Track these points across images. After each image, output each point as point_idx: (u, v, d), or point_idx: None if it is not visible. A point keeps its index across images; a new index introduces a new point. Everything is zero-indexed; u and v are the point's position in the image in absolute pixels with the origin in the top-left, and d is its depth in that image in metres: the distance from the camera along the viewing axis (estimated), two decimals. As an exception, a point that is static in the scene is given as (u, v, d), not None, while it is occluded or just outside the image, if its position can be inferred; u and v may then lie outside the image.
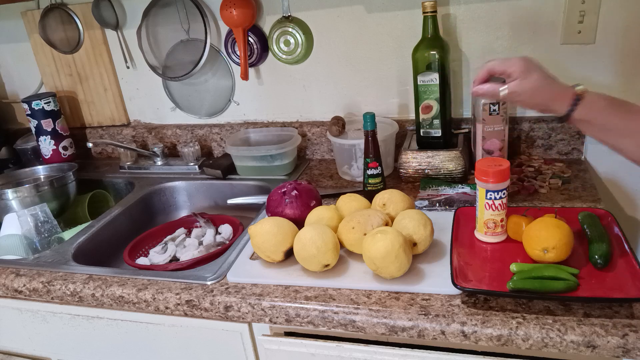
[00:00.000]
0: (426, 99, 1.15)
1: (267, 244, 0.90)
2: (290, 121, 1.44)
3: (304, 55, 1.33)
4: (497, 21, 1.18)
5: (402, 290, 0.83)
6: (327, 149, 1.42)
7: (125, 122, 1.60)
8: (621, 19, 1.10)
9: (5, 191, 1.26)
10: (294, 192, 1.01)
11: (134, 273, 0.99)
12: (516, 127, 1.23)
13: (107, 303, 0.96)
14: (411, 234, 0.86)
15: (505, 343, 0.73)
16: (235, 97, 1.46)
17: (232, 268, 0.95)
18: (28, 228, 1.22)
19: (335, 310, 0.81)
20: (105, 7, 1.43)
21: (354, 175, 1.26)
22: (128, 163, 1.51)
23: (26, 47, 1.59)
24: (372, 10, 1.25)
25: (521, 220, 0.89)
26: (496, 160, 0.88)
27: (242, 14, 1.29)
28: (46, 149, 1.52)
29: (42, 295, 1.01)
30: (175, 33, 1.40)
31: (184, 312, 0.91)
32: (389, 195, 0.97)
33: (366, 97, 1.35)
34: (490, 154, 1.15)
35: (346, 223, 0.91)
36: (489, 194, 0.87)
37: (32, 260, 1.09)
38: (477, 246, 0.91)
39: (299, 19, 1.31)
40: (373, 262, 0.82)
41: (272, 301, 0.85)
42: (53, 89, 1.61)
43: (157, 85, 1.52)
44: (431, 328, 0.76)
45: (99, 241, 1.20)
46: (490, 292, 0.78)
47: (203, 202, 1.41)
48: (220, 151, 1.53)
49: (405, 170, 1.19)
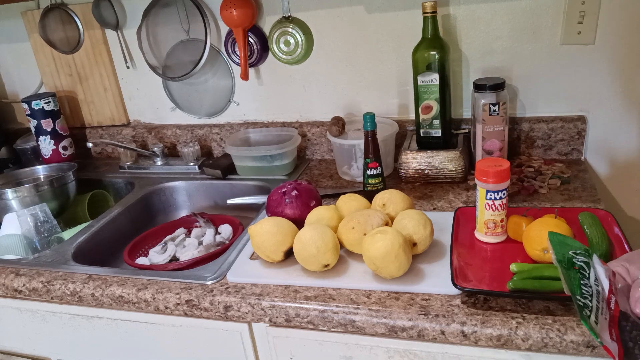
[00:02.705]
0: (426, 99, 1.15)
1: (267, 244, 0.90)
2: (290, 121, 1.44)
3: (303, 56, 1.33)
4: (497, 21, 1.18)
5: (402, 290, 0.83)
6: (327, 149, 1.42)
7: (125, 122, 1.60)
8: (621, 19, 1.10)
9: (5, 191, 1.26)
10: (294, 192, 1.01)
11: (134, 273, 0.99)
12: (516, 127, 1.24)
13: (107, 303, 0.96)
14: (411, 234, 0.86)
15: (505, 343, 0.73)
16: (235, 97, 1.46)
17: (232, 268, 0.95)
18: (28, 228, 1.22)
19: (335, 310, 0.81)
20: (105, 7, 1.43)
21: (354, 175, 1.26)
22: (128, 163, 1.51)
23: (26, 47, 1.59)
24: (372, 10, 1.25)
25: (521, 220, 0.89)
26: (496, 160, 0.88)
27: (242, 14, 1.29)
28: (46, 149, 1.52)
29: (41, 295, 1.01)
30: (175, 33, 1.40)
31: (183, 312, 0.91)
32: (389, 195, 0.97)
33: (366, 97, 1.35)
34: (490, 154, 1.15)
35: (346, 223, 0.91)
36: (489, 194, 0.87)
37: (32, 260, 1.09)
38: (477, 246, 0.91)
39: (299, 19, 1.31)
40: (373, 262, 0.82)
41: (271, 301, 0.85)
42: (53, 89, 1.61)
43: (157, 85, 1.52)
44: (431, 328, 0.76)
45: (98, 241, 1.20)
46: (490, 292, 0.78)
47: (203, 202, 1.41)
48: (220, 151, 1.53)
49: (405, 170, 1.19)
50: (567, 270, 0.70)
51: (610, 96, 1.17)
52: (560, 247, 0.74)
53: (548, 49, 1.17)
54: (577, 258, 0.72)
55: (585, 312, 0.64)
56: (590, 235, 0.85)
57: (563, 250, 0.73)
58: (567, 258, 0.72)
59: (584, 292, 0.67)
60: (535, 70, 1.19)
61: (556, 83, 1.19)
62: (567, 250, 0.73)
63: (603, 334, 0.63)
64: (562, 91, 1.20)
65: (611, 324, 0.64)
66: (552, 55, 1.17)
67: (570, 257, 0.72)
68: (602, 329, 0.63)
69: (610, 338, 0.63)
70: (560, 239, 0.75)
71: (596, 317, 0.64)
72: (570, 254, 0.72)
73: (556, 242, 0.75)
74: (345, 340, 0.85)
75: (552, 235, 0.76)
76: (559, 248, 0.74)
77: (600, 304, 0.65)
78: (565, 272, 0.70)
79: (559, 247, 0.74)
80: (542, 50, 1.17)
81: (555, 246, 0.74)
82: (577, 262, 0.71)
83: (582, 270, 0.70)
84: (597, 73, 1.16)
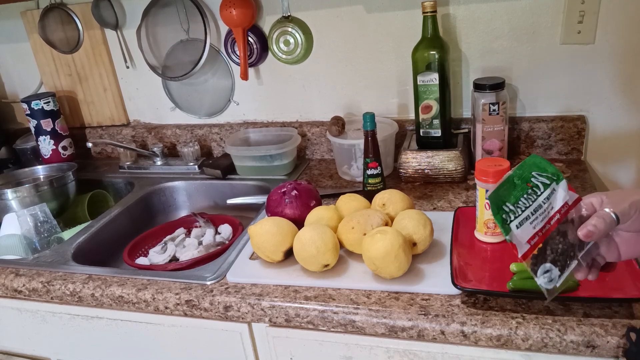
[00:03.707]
0: (426, 99, 1.15)
1: (267, 244, 0.90)
2: (290, 121, 1.44)
3: (303, 55, 1.33)
4: (497, 21, 1.18)
5: (402, 290, 0.83)
6: (326, 149, 1.42)
7: (124, 122, 1.60)
8: (621, 19, 1.10)
9: (4, 191, 1.26)
10: (293, 192, 1.01)
11: (134, 273, 0.99)
12: (516, 127, 1.23)
13: (107, 303, 0.96)
14: (411, 234, 0.86)
15: (505, 343, 0.73)
16: (235, 97, 1.46)
17: (232, 268, 0.95)
18: (27, 228, 1.22)
19: (335, 310, 0.81)
20: (105, 7, 1.43)
21: (354, 175, 1.26)
22: (128, 163, 1.51)
23: (26, 47, 1.59)
24: (371, 10, 1.25)
25: (521, 220, 0.89)
26: (496, 160, 0.88)
27: (241, 14, 1.29)
28: (46, 149, 1.52)
29: (41, 295, 1.01)
30: (175, 33, 1.40)
31: (183, 312, 0.91)
32: (389, 195, 0.97)
33: (366, 97, 1.35)
34: (490, 154, 1.15)
35: (346, 223, 0.91)
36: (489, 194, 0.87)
37: (32, 260, 1.09)
38: (477, 246, 0.91)
39: (298, 19, 1.31)
40: (373, 262, 0.82)
41: (271, 301, 0.85)
42: (52, 89, 1.61)
43: (157, 85, 1.52)
44: (431, 328, 0.76)
45: (98, 241, 1.20)
46: (490, 292, 0.78)
47: (203, 202, 1.41)
48: (220, 151, 1.53)
49: (405, 170, 1.19)
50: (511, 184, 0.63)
51: (610, 96, 1.17)
52: (530, 167, 0.65)
53: (548, 49, 1.17)
54: (538, 178, 0.64)
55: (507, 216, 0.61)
56: (590, 235, 0.85)
57: (528, 170, 0.65)
58: (526, 175, 0.64)
59: (518, 204, 0.62)
60: (535, 70, 1.19)
61: (556, 83, 1.19)
62: (533, 170, 0.65)
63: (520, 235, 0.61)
64: (562, 91, 1.20)
65: (538, 233, 0.62)
66: (551, 55, 1.17)
67: (530, 175, 0.64)
68: (521, 232, 0.61)
69: (525, 241, 0.61)
70: (536, 161, 0.66)
71: (519, 223, 0.61)
72: (533, 174, 0.65)
73: (530, 163, 0.65)
74: (345, 340, 0.85)
75: (532, 157, 0.66)
76: (527, 168, 0.65)
77: (535, 216, 0.62)
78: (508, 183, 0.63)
79: (529, 167, 0.65)
80: (541, 49, 1.17)
81: (524, 166, 0.65)
82: (533, 181, 0.64)
83: (534, 188, 0.64)
84: (597, 73, 1.16)
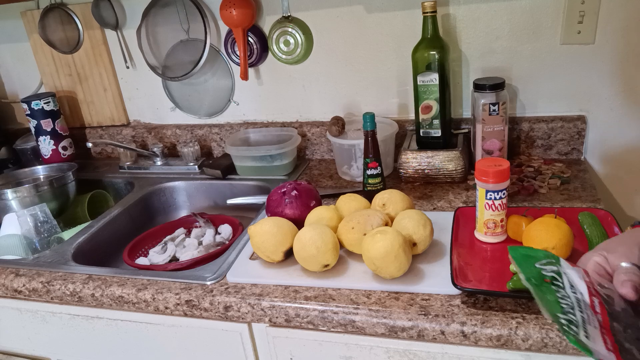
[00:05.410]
0: (426, 99, 1.15)
1: (267, 244, 0.90)
2: (290, 121, 1.44)
3: (303, 56, 1.33)
4: (497, 21, 1.18)
5: (402, 290, 0.83)
6: (326, 149, 1.42)
7: (124, 122, 1.60)
8: (621, 19, 1.10)
9: (4, 191, 1.26)
10: (293, 192, 1.01)
11: (134, 273, 0.99)
12: (516, 127, 1.23)
13: (107, 303, 0.96)
14: (411, 234, 0.86)
15: (505, 343, 0.73)
16: (235, 97, 1.46)
17: (232, 268, 0.95)
18: (27, 228, 1.22)
19: (335, 310, 0.81)
20: (105, 7, 1.43)
21: (354, 175, 1.26)
22: (128, 163, 1.51)
23: (26, 47, 1.59)
24: (371, 10, 1.25)
25: (521, 220, 0.89)
26: (496, 160, 0.88)
27: (241, 14, 1.29)
28: (46, 149, 1.52)
29: (41, 295, 1.01)
30: (175, 33, 1.40)
31: (183, 312, 0.91)
32: (389, 195, 0.97)
33: (366, 97, 1.35)
34: (490, 154, 1.15)
35: (346, 223, 0.91)
36: (489, 194, 0.87)
37: (32, 260, 1.09)
38: (477, 246, 0.91)
39: (298, 19, 1.31)
40: (373, 262, 0.82)
41: (271, 301, 0.85)
42: (52, 89, 1.61)
43: (157, 85, 1.52)
44: (431, 328, 0.76)
45: (98, 241, 1.20)
46: (490, 292, 0.78)
47: (203, 202, 1.41)
48: (220, 151, 1.53)
49: (405, 170, 1.19)
50: (539, 288, 0.62)
51: (610, 96, 1.17)
52: (525, 261, 0.66)
53: (548, 49, 1.17)
54: (545, 269, 0.64)
55: (572, 330, 0.56)
56: (590, 235, 0.85)
57: (529, 265, 0.65)
58: (535, 272, 0.64)
59: (563, 307, 0.59)
60: (535, 70, 1.19)
61: (556, 83, 1.19)
62: (532, 263, 0.65)
63: (597, 346, 0.55)
64: (562, 91, 1.20)
65: (603, 330, 0.57)
66: (552, 55, 1.17)
67: (537, 270, 0.64)
68: (595, 341, 0.55)
69: (605, 349, 0.55)
70: (522, 252, 0.68)
71: (586, 331, 0.56)
72: (537, 266, 0.65)
73: (519, 257, 0.67)
74: (345, 340, 0.85)
75: (512, 251, 0.68)
76: (524, 263, 0.66)
77: (585, 312, 0.58)
78: (538, 290, 0.61)
79: (524, 261, 0.66)
80: (542, 50, 1.17)
81: (520, 263, 0.66)
82: (546, 274, 0.63)
83: (555, 282, 0.62)
84: (597, 73, 1.16)
